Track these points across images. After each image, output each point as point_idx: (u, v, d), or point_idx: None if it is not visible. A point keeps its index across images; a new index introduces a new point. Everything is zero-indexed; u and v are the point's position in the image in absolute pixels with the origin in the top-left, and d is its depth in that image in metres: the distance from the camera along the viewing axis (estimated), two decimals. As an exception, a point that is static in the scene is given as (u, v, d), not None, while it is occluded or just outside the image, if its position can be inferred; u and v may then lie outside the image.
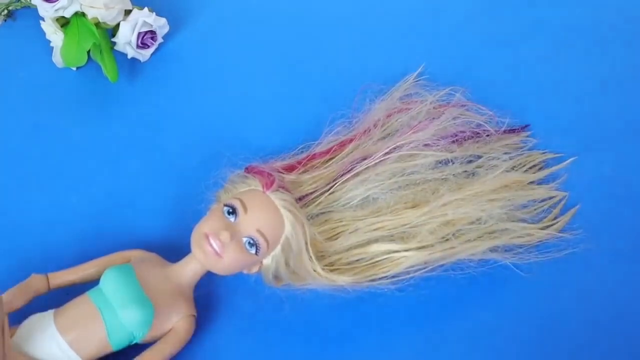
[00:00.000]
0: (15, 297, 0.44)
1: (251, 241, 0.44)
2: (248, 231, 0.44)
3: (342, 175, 0.50)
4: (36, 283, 0.45)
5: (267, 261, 0.46)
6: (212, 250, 0.43)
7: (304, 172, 0.50)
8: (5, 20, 0.67)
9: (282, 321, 0.48)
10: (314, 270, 0.45)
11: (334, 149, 0.52)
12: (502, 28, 0.66)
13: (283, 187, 0.46)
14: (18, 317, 0.44)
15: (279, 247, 0.45)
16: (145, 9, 0.61)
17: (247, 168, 0.48)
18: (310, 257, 0.45)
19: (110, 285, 0.43)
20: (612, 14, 0.67)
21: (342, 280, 0.46)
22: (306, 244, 0.45)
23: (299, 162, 0.51)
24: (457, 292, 0.49)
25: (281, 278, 0.46)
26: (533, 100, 0.60)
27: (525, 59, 0.63)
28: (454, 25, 0.66)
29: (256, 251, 0.44)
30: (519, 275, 0.50)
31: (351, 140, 0.52)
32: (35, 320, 0.43)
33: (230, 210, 0.44)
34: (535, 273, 0.50)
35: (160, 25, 0.62)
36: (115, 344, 0.43)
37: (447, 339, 0.48)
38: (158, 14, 0.62)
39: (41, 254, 0.51)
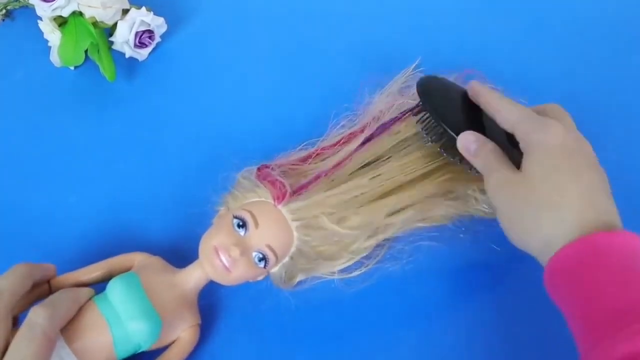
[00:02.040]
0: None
1: (260, 256, 0.44)
2: (258, 246, 0.44)
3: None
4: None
5: (274, 270, 0.46)
6: (221, 265, 0.43)
7: (314, 163, 0.49)
8: (4, 20, 0.67)
9: (283, 326, 0.48)
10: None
11: (342, 141, 0.51)
12: (501, 19, 0.66)
13: (293, 193, 0.45)
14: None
15: (287, 258, 0.45)
16: (143, 8, 0.61)
17: (258, 172, 0.46)
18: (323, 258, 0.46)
19: (117, 297, 0.43)
20: (613, 9, 0.67)
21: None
22: (318, 251, 0.45)
23: (309, 156, 0.50)
24: (458, 290, 0.50)
25: (293, 278, 0.47)
26: (533, 93, 0.59)
27: (525, 50, 0.63)
28: (452, 17, 0.66)
29: (265, 265, 0.44)
30: (518, 273, 0.50)
31: (356, 134, 0.52)
32: None
33: (241, 224, 0.44)
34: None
35: (158, 24, 0.62)
36: (120, 354, 0.43)
37: (449, 334, 0.48)
38: (156, 13, 0.62)
39: (40, 254, 0.51)
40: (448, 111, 0.47)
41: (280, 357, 0.47)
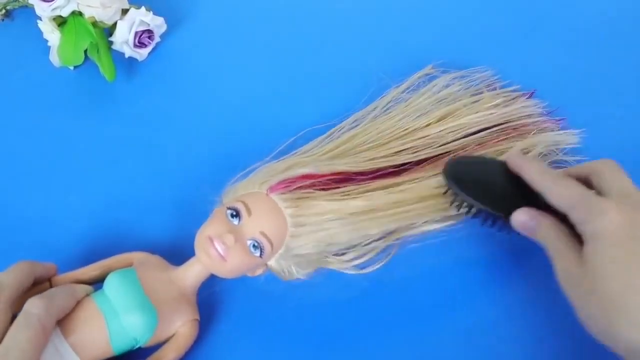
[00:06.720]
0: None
1: (255, 244, 0.44)
2: (252, 234, 0.44)
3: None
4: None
5: (271, 262, 0.46)
6: (216, 253, 0.43)
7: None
8: (3, 20, 0.67)
9: (283, 322, 0.48)
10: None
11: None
12: (511, 17, 0.66)
13: (286, 186, 0.46)
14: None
15: (283, 248, 0.45)
16: (143, 8, 0.61)
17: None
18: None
19: (114, 290, 0.43)
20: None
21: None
22: (311, 245, 0.45)
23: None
24: (460, 288, 0.50)
25: (292, 272, 0.47)
26: (545, 89, 0.59)
27: (536, 47, 0.63)
28: (462, 15, 0.66)
29: (260, 254, 0.44)
30: (518, 272, 0.50)
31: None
32: None
33: (234, 214, 0.44)
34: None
35: (158, 24, 0.62)
36: (117, 348, 0.43)
37: (449, 334, 0.48)
38: (155, 13, 0.62)
39: (40, 254, 0.50)
40: (488, 192, 0.44)
41: (279, 354, 0.47)
